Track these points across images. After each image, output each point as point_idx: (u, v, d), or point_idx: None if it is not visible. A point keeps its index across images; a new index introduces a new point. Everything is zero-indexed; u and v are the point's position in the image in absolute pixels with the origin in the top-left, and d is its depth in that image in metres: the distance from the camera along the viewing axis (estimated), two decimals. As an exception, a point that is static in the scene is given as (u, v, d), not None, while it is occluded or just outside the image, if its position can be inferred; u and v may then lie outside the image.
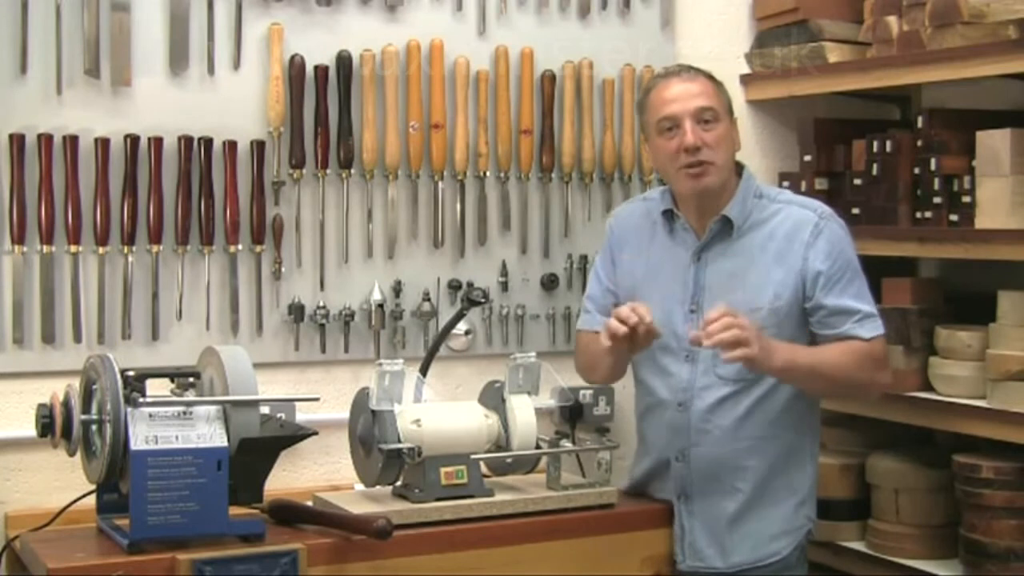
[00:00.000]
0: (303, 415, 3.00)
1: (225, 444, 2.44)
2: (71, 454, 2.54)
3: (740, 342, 2.54)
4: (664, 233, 2.86)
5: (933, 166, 3.19)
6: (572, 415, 2.89)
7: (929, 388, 3.19)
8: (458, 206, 3.30)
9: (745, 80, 3.72)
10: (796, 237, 2.75)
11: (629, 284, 2.90)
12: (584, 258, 3.39)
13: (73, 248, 2.93)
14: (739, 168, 2.87)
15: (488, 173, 3.32)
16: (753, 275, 2.75)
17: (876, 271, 3.44)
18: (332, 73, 3.15)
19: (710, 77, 2.83)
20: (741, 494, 2.76)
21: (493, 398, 2.83)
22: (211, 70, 3.06)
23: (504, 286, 3.33)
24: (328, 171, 3.16)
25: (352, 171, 3.18)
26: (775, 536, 2.77)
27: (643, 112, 2.86)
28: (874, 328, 2.76)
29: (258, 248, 3.10)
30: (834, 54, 3.45)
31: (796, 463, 2.80)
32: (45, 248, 2.90)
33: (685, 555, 2.78)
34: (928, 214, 3.21)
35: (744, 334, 2.54)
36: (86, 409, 2.50)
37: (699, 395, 2.76)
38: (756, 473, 2.75)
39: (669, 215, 2.86)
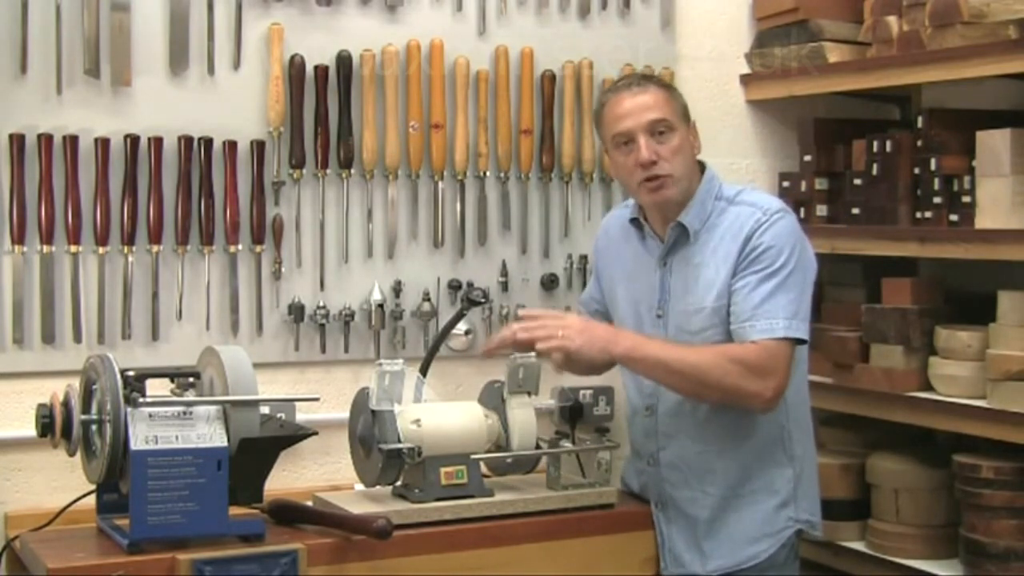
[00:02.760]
0: (303, 415, 3.00)
1: (225, 444, 2.44)
2: (71, 454, 2.54)
3: (543, 338, 2.58)
4: (636, 240, 2.87)
5: (933, 166, 3.19)
6: (572, 415, 2.89)
7: (929, 388, 3.19)
8: (458, 206, 3.30)
9: (745, 80, 3.72)
10: (740, 235, 2.70)
11: (609, 289, 2.94)
12: (584, 258, 3.39)
13: (73, 248, 2.93)
14: (703, 168, 2.82)
15: (488, 173, 3.32)
16: (704, 277, 2.72)
17: (876, 271, 3.45)
18: (332, 73, 3.15)
19: (663, 85, 2.81)
20: (711, 498, 2.73)
21: (493, 398, 2.83)
22: (211, 70, 3.06)
23: (504, 286, 3.33)
24: (328, 171, 3.16)
25: (352, 171, 3.18)
26: (754, 539, 2.73)
27: (599, 127, 2.85)
28: (766, 331, 2.61)
29: (258, 248, 3.10)
30: (834, 54, 3.45)
31: (773, 463, 2.75)
32: (45, 248, 2.90)
33: (667, 562, 2.77)
34: (928, 214, 3.21)
35: (548, 330, 2.58)
36: (86, 409, 2.50)
37: (663, 399, 2.76)
38: (726, 476, 2.72)
39: (637, 223, 2.86)
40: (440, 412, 2.73)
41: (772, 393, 2.61)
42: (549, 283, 3.38)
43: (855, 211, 3.41)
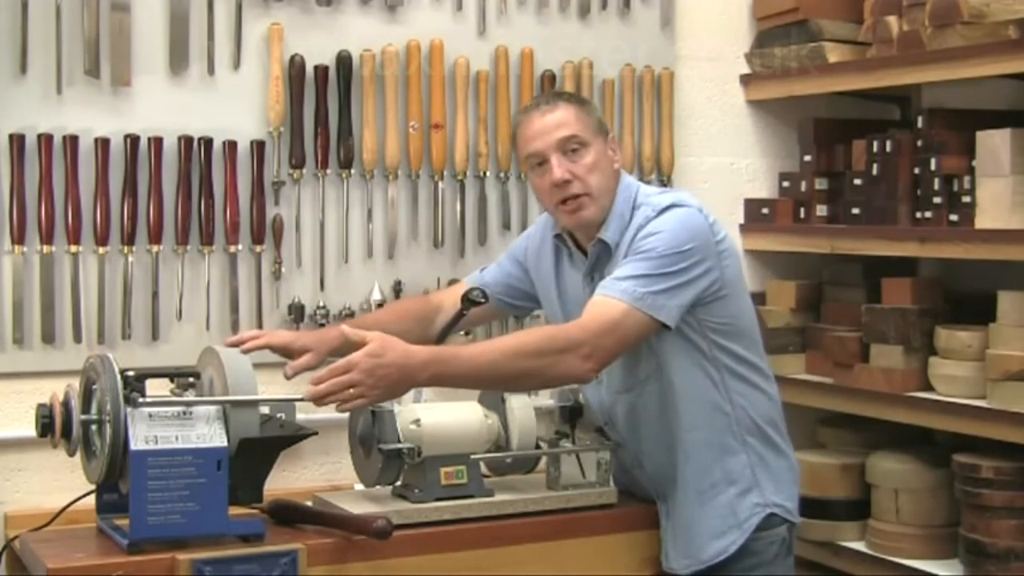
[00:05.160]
0: (303, 415, 3.00)
1: (225, 444, 2.44)
2: (71, 454, 2.54)
3: (341, 394, 2.39)
4: (565, 254, 2.79)
5: (933, 166, 3.20)
6: (572, 415, 2.88)
7: (929, 388, 3.19)
8: (458, 206, 3.30)
9: (745, 80, 3.72)
10: (632, 235, 2.61)
11: (544, 295, 2.86)
12: (584, 258, 3.39)
13: (73, 248, 2.93)
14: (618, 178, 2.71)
15: (488, 173, 3.32)
16: None
17: (876, 271, 3.45)
18: (332, 73, 3.15)
19: (575, 100, 2.70)
20: (681, 496, 2.70)
21: (493, 398, 2.82)
22: (211, 70, 3.06)
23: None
24: (328, 171, 3.16)
25: (352, 171, 3.18)
26: (720, 532, 2.66)
27: (515, 150, 2.79)
28: (616, 290, 2.49)
29: (258, 248, 3.10)
30: (834, 54, 3.46)
31: (726, 451, 2.67)
32: (45, 248, 2.90)
33: (664, 556, 2.76)
34: (928, 214, 3.21)
35: (340, 394, 2.39)
36: (86, 409, 2.50)
37: (615, 411, 2.75)
38: (686, 472, 2.68)
39: (560, 239, 2.78)
40: (440, 412, 2.73)
41: (589, 368, 2.50)
42: (549, 283, 3.37)
43: (855, 211, 3.42)
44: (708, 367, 2.65)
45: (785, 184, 3.71)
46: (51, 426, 2.47)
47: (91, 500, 2.61)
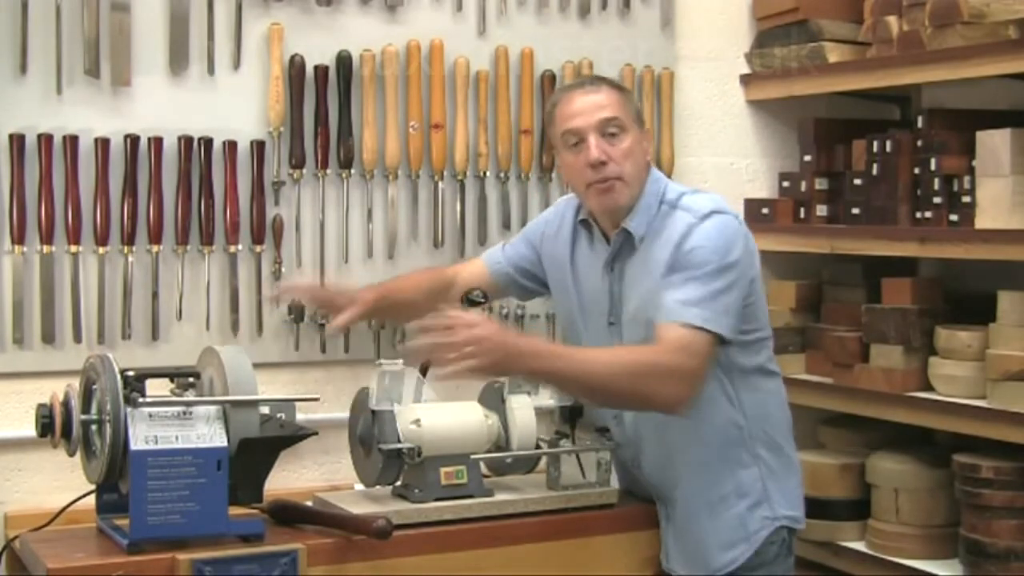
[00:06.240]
0: (303, 415, 2.99)
1: (225, 444, 2.44)
2: (71, 454, 2.54)
3: (446, 359, 2.33)
4: (585, 241, 2.78)
5: (933, 166, 3.20)
6: (572, 415, 2.88)
7: (929, 388, 3.19)
8: (458, 206, 3.30)
9: (745, 80, 3.72)
10: (671, 243, 2.60)
11: (555, 281, 2.84)
12: (584, 258, 3.39)
13: (73, 248, 2.93)
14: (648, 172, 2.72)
15: (488, 173, 3.32)
16: (647, 285, 2.63)
17: (876, 271, 3.45)
18: (332, 73, 3.15)
19: (616, 87, 2.72)
20: (684, 503, 2.69)
21: (493, 398, 2.83)
22: (211, 70, 3.06)
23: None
24: (328, 171, 3.16)
25: (352, 171, 3.18)
26: (729, 544, 2.66)
27: (550, 126, 2.75)
28: (677, 315, 2.49)
29: (258, 248, 3.10)
30: (834, 54, 3.46)
31: (738, 464, 2.67)
32: (45, 248, 2.90)
33: (663, 556, 2.76)
34: (928, 214, 3.21)
35: (451, 347, 2.33)
36: (86, 409, 2.50)
37: (623, 413, 2.73)
38: (693, 480, 2.67)
39: (586, 224, 2.77)
40: (440, 412, 2.73)
41: (687, 395, 2.50)
42: (549, 283, 3.37)
43: (855, 211, 3.42)
44: (725, 383, 2.65)
45: (785, 184, 3.71)
46: (51, 426, 2.48)
47: (91, 500, 2.61)
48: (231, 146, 3.06)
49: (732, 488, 2.67)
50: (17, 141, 2.87)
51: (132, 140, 2.97)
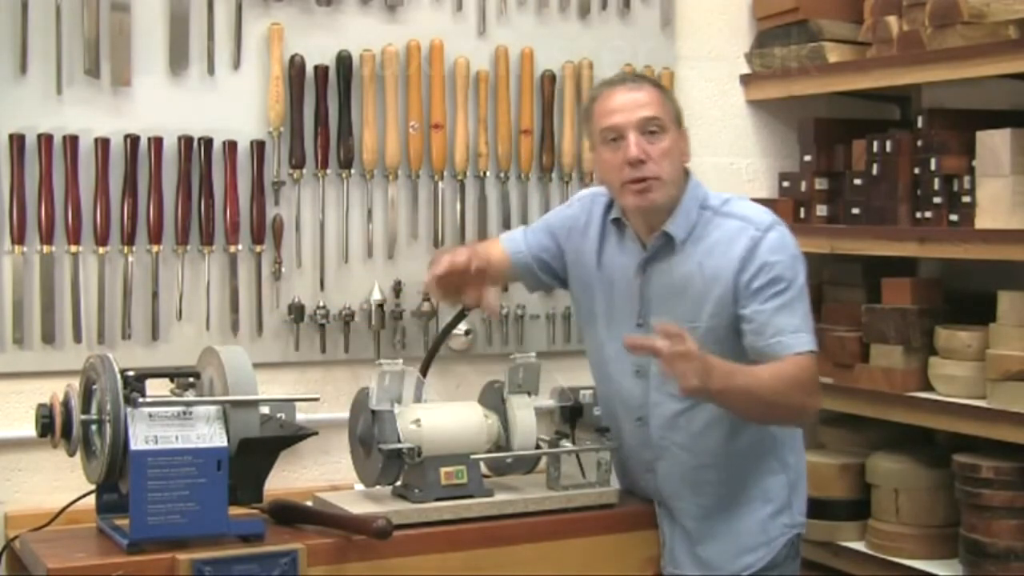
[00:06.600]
0: (303, 415, 3.00)
1: (225, 444, 2.44)
2: (71, 454, 2.54)
3: (685, 369, 2.38)
4: (615, 240, 2.75)
5: (933, 166, 3.20)
6: (572, 415, 2.88)
7: (929, 388, 3.19)
8: (458, 206, 3.30)
9: (745, 80, 3.72)
10: (732, 252, 2.59)
11: (577, 277, 2.82)
12: (584, 258, 3.39)
13: (73, 248, 2.93)
14: (686, 175, 2.71)
15: (488, 173, 3.33)
16: (692, 291, 2.62)
17: (876, 271, 3.45)
18: (332, 73, 3.16)
19: (657, 86, 2.70)
20: (707, 508, 2.69)
21: (493, 398, 2.82)
22: (211, 70, 3.06)
23: (504, 286, 3.32)
24: (328, 171, 3.16)
25: (352, 171, 3.18)
26: (750, 548, 2.68)
27: (588, 121, 2.72)
28: (798, 345, 2.54)
29: (258, 248, 3.10)
30: (834, 54, 3.46)
31: (768, 471, 2.69)
32: (45, 248, 2.90)
33: (667, 560, 2.76)
34: (928, 214, 3.21)
35: (685, 372, 2.38)
36: (86, 409, 2.50)
37: (653, 411, 2.70)
38: (721, 486, 2.68)
39: (619, 223, 2.74)
40: (440, 412, 2.73)
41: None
42: (549, 283, 3.37)
43: (855, 211, 3.42)
44: None
45: (785, 184, 3.71)
46: (51, 426, 2.47)
47: (91, 500, 2.61)
48: (231, 146, 3.06)
49: (758, 493, 2.69)
50: (17, 141, 2.87)
51: (132, 140, 2.97)
